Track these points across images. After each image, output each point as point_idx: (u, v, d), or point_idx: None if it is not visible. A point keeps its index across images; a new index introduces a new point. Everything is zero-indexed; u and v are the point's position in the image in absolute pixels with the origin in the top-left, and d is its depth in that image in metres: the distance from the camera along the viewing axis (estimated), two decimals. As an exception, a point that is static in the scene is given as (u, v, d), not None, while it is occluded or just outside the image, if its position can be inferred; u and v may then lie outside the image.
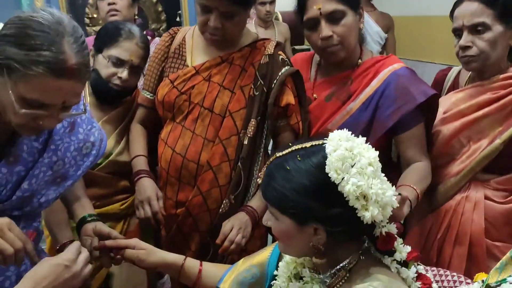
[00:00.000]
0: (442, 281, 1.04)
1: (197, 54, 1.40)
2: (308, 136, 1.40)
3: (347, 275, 0.85)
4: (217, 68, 1.36)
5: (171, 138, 1.37)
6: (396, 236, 0.88)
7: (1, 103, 0.88)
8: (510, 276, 0.66)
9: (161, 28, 4.19)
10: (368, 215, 0.79)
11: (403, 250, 0.88)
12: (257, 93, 1.33)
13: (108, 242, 1.12)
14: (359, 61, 1.42)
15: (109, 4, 1.97)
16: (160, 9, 4.17)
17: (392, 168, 1.44)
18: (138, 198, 1.37)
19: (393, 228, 0.88)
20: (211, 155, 1.33)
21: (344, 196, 0.79)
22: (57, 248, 1.24)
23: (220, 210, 1.34)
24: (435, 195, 1.40)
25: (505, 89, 1.30)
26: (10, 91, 0.84)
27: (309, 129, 1.43)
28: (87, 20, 3.93)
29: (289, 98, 1.34)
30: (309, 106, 1.43)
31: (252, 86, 1.34)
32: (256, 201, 1.35)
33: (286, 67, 1.36)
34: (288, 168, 0.82)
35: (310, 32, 1.35)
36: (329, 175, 0.79)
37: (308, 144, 0.85)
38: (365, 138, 0.85)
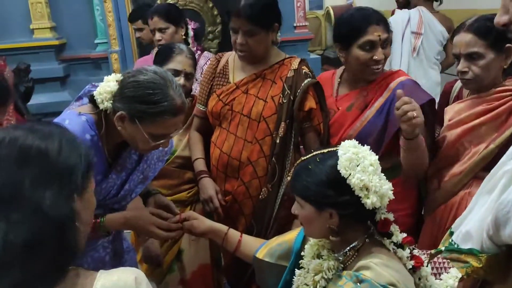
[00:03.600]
0: (435, 262, 1.27)
1: (237, 73, 1.73)
2: (328, 136, 1.68)
3: (356, 254, 1.08)
4: (253, 83, 1.68)
5: (219, 141, 1.71)
6: (392, 221, 1.10)
7: (135, 139, 1.26)
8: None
9: (216, 30, 4.51)
10: (369, 201, 1.03)
11: (399, 234, 1.09)
12: (285, 101, 1.62)
13: (175, 219, 1.40)
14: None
15: (158, 40, 2.38)
16: (215, 12, 4.50)
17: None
18: (202, 196, 1.71)
19: (390, 216, 1.09)
20: (250, 153, 1.64)
21: (351, 187, 1.03)
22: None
23: (260, 196, 1.65)
24: (442, 191, 1.61)
25: (499, 101, 1.47)
26: (144, 133, 1.23)
27: (334, 135, 1.69)
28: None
29: (311, 103, 1.63)
30: (333, 116, 1.70)
31: (281, 95, 1.63)
32: None
33: (308, 79, 1.64)
34: (310, 167, 1.09)
35: (363, 52, 1.58)
36: (340, 171, 1.04)
37: (325, 150, 1.13)
38: (369, 147, 1.10)
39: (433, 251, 0.93)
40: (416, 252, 1.12)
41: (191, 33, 2.59)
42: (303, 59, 1.72)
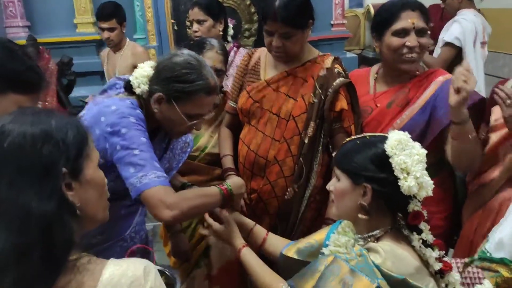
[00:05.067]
0: (469, 272, 1.18)
1: (268, 70, 1.71)
2: None
3: (375, 242, 1.07)
4: (284, 80, 1.65)
5: (247, 138, 1.70)
6: (424, 217, 1.07)
7: (171, 120, 1.32)
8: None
9: (253, 28, 4.53)
10: (406, 184, 1.01)
11: (429, 233, 1.07)
12: (315, 100, 1.59)
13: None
14: (417, 72, 1.63)
15: (194, 31, 2.42)
16: (253, 10, 4.51)
17: (444, 168, 1.60)
18: None
19: (423, 212, 1.06)
20: (278, 152, 1.62)
21: (392, 166, 1.03)
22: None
23: (286, 196, 1.63)
24: (481, 195, 1.54)
25: None
26: (180, 112, 1.28)
27: (372, 132, 1.64)
28: (187, 23, 4.41)
29: (342, 104, 1.58)
30: (371, 114, 1.65)
31: (312, 95, 1.60)
32: None
33: (341, 78, 1.59)
34: (358, 142, 1.12)
35: (396, 38, 1.55)
36: (385, 148, 1.05)
37: (377, 134, 1.17)
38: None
39: (467, 260, 0.89)
40: (446, 258, 1.08)
41: (231, 31, 2.60)
42: (337, 57, 1.67)
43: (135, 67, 3.28)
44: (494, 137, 1.51)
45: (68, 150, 0.75)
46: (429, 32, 1.58)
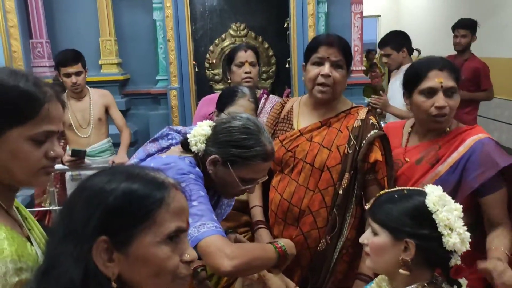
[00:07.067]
0: None
1: (302, 119, 1.72)
2: None
3: None
4: (317, 130, 1.66)
5: (280, 186, 1.68)
6: (464, 271, 1.07)
7: (225, 182, 1.32)
8: None
9: (270, 70, 4.63)
10: (451, 241, 1.03)
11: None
12: (350, 151, 1.58)
13: None
14: (447, 129, 1.62)
15: (246, 72, 2.39)
16: (271, 53, 4.63)
17: (477, 229, 1.56)
18: None
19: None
20: (311, 202, 1.60)
21: (436, 223, 1.04)
22: None
23: (318, 248, 1.59)
24: None
25: None
26: (235, 176, 1.29)
27: None
28: (207, 65, 4.56)
29: (377, 155, 1.57)
30: (400, 168, 1.64)
31: (347, 145, 1.60)
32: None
33: (375, 130, 1.59)
34: (396, 196, 1.12)
35: (424, 98, 1.55)
36: (427, 204, 1.06)
37: (410, 188, 1.18)
38: None
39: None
40: None
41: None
42: (370, 109, 1.68)
43: (107, 107, 3.25)
44: None
45: (111, 213, 0.67)
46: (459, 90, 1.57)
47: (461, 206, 1.08)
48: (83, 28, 4.34)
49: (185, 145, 1.36)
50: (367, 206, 1.18)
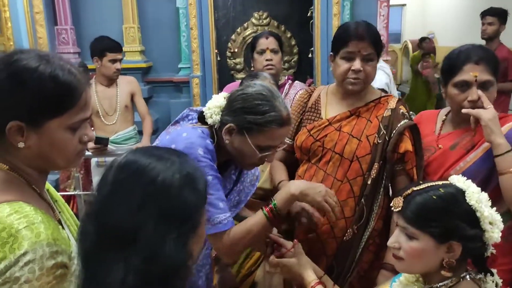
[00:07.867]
0: None
1: (330, 109, 1.70)
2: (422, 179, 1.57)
3: None
4: (347, 120, 1.64)
5: (307, 176, 1.67)
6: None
7: (242, 151, 1.30)
8: None
9: (292, 60, 4.60)
10: (495, 236, 1.02)
11: (497, 276, 1.08)
12: (380, 141, 1.56)
13: (273, 236, 1.39)
14: None
15: (267, 60, 2.38)
16: (293, 43, 4.59)
17: (509, 220, 1.52)
18: (294, 210, 1.55)
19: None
20: (339, 192, 1.59)
21: (479, 220, 1.02)
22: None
23: (344, 237, 1.59)
24: None
25: None
26: (251, 144, 1.27)
27: (433, 174, 1.60)
28: (228, 54, 4.56)
29: (407, 145, 1.55)
30: (433, 154, 1.61)
31: (376, 135, 1.58)
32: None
33: (405, 120, 1.57)
34: (434, 197, 1.04)
35: (457, 91, 1.54)
36: (470, 203, 1.02)
37: (439, 182, 1.09)
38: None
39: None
40: None
41: None
42: (400, 98, 1.66)
43: (132, 94, 3.33)
44: None
45: (204, 199, 0.74)
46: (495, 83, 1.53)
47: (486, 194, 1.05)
48: (107, 15, 4.37)
49: (201, 118, 1.36)
50: (395, 207, 1.09)
